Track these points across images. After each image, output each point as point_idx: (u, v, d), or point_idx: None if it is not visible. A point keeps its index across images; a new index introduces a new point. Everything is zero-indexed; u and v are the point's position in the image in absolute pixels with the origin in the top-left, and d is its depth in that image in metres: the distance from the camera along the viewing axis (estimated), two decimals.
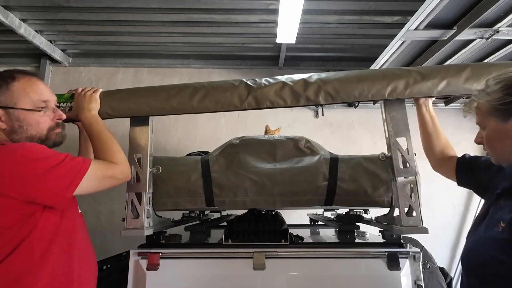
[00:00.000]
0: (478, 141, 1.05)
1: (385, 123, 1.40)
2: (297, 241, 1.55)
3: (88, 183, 1.09)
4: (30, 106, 1.12)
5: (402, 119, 1.38)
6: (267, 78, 1.41)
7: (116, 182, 1.23)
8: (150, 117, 1.46)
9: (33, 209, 1.01)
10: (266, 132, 2.34)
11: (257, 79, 1.42)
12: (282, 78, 1.41)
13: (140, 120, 1.46)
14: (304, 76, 1.40)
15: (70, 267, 1.08)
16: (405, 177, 1.32)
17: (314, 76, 1.39)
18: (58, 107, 1.30)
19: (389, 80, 1.35)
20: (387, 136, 1.39)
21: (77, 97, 1.38)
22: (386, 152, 1.39)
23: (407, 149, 1.35)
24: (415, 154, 1.35)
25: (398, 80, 1.34)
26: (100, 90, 1.43)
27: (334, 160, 1.53)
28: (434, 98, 1.47)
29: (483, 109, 0.98)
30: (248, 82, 1.40)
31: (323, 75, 1.41)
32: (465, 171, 1.27)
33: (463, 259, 1.02)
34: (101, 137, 1.29)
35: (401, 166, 1.33)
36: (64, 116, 1.25)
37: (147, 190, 1.39)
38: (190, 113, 1.43)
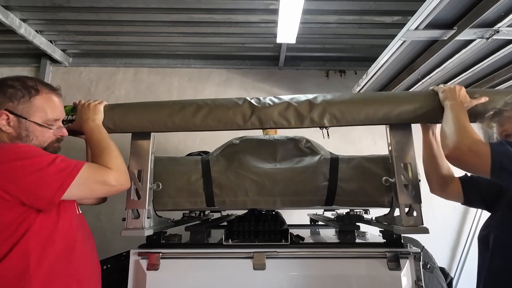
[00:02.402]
0: None
1: (389, 147, 1.38)
2: (297, 241, 1.55)
3: (78, 188, 1.05)
4: (42, 122, 1.15)
5: (407, 144, 1.35)
6: (272, 98, 1.39)
7: (110, 189, 1.17)
8: (151, 133, 1.44)
9: (27, 211, 1.00)
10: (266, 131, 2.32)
11: (261, 98, 1.40)
12: (287, 98, 1.39)
13: (141, 135, 1.44)
14: (309, 96, 1.38)
15: (69, 268, 1.07)
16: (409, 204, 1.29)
17: (319, 97, 1.37)
18: (64, 124, 1.30)
19: (396, 104, 1.33)
20: (391, 161, 1.37)
21: (81, 108, 1.37)
22: (390, 178, 1.35)
23: (412, 175, 1.31)
24: (420, 180, 1.32)
25: (405, 104, 1.32)
26: (104, 102, 1.41)
27: (334, 160, 1.53)
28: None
29: None
30: (252, 101, 1.38)
31: (329, 96, 1.39)
32: (471, 187, 1.29)
33: None
34: (101, 144, 1.26)
35: (405, 192, 1.30)
36: (66, 134, 1.25)
37: (147, 208, 1.36)
38: (192, 130, 1.40)
